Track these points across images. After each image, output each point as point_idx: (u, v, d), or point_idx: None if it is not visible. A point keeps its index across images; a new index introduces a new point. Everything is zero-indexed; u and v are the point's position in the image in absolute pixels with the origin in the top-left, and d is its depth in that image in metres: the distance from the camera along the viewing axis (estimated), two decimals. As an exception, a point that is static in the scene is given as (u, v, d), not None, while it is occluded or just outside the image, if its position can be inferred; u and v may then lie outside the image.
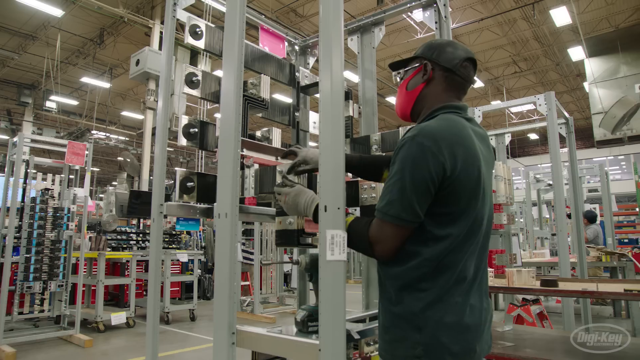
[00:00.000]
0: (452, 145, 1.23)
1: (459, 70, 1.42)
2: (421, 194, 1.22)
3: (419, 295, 1.24)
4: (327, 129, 1.39)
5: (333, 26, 1.44)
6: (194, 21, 2.09)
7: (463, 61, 1.42)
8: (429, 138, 1.22)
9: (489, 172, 1.39)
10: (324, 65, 1.42)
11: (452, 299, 1.23)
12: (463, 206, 1.25)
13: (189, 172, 2.02)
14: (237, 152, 1.71)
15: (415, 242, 1.26)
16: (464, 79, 1.44)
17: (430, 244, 1.24)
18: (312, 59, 3.07)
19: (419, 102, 1.47)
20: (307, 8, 13.54)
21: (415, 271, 1.25)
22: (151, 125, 12.06)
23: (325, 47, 1.43)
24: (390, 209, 1.24)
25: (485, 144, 1.42)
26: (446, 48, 1.44)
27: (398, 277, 1.28)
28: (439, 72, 1.43)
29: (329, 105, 1.40)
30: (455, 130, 1.29)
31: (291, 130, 2.70)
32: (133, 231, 8.61)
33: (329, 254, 1.32)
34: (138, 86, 17.81)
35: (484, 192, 1.31)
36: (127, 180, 18.02)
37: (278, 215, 1.76)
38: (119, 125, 21.01)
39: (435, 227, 1.25)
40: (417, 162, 1.21)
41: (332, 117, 1.39)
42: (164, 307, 6.90)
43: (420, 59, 1.47)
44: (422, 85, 1.45)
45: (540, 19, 13.70)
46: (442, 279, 1.23)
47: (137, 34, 13.91)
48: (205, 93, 2.13)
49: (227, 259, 1.62)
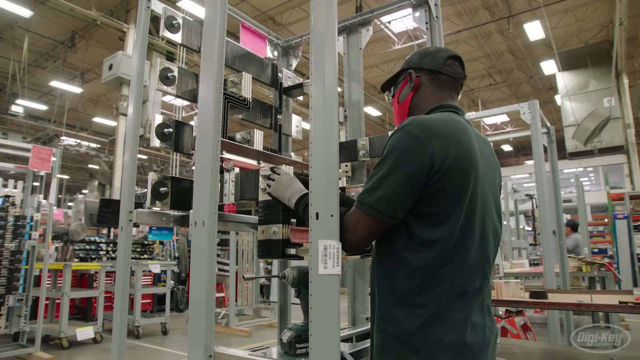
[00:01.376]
0: (444, 138, 1.14)
1: (444, 69, 1.37)
2: (404, 186, 1.11)
3: (415, 312, 1.11)
4: (320, 128, 1.25)
5: (327, 18, 1.30)
6: (170, 13, 1.93)
7: (446, 60, 1.38)
8: (420, 127, 1.14)
9: (490, 176, 1.27)
10: (317, 58, 1.29)
11: (451, 315, 1.10)
12: (452, 206, 1.13)
13: (162, 176, 1.84)
14: (217, 154, 1.55)
15: (404, 248, 1.15)
16: (452, 76, 1.38)
17: (419, 250, 1.12)
18: (295, 60, 2.94)
19: (413, 111, 1.41)
20: (286, 16, 13.47)
21: (408, 283, 1.13)
22: (124, 132, 11.70)
23: (317, 40, 1.29)
24: (366, 197, 1.14)
25: (487, 147, 1.33)
26: (427, 52, 1.42)
27: (390, 291, 1.16)
28: (424, 77, 1.39)
29: (322, 101, 1.26)
30: (450, 124, 1.20)
31: (273, 134, 2.55)
32: (103, 241, 8.25)
33: (322, 267, 1.17)
34: (111, 92, 17.32)
35: (482, 195, 1.20)
36: (98, 188, 17.47)
37: (261, 224, 1.60)
38: (91, 131, 20.37)
39: (423, 230, 1.13)
40: (404, 151, 1.13)
41: (324, 114, 1.25)
42: (134, 320, 6.57)
43: (405, 70, 1.45)
44: (411, 94, 1.41)
45: (514, 33, 14.00)
46: (439, 292, 1.11)
47: (110, 38, 13.52)
48: (182, 91, 1.96)
49: (203, 272, 1.44)
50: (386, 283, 1.17)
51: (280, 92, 2.60)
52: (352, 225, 1.18)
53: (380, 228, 1.16)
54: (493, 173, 1.30)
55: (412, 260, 1.12)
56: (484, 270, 1.20)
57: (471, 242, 1.15)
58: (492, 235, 1.24)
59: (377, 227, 1.16)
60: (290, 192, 1.41)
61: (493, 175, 1.30)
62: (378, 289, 1.20)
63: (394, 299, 1.14)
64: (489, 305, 1.24)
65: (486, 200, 1.22)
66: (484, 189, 1.20)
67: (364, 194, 1.16)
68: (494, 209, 1.26)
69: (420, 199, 1.13)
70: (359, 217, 1.17)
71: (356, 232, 1.18)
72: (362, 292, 2.40)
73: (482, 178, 1.20)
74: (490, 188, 1.26)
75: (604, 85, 15.43)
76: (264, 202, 1.62)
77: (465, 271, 1.14)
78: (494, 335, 1.21)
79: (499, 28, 14.02)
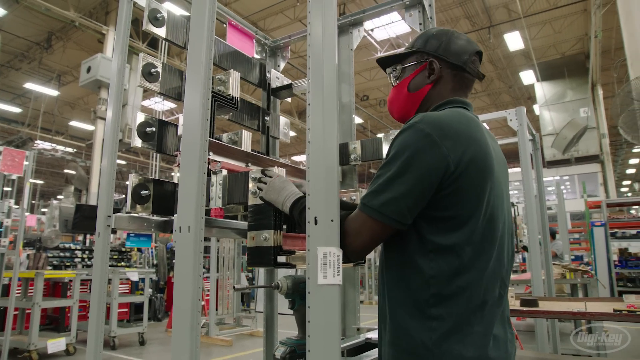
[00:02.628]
0: (459, 137, 1.04)
1: (469, 67, 1.23)
2: (414, 190, 1.01)
3: (431, 325, 1.01)
4: (318, 126, 1.16)
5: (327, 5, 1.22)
6: (154, 5, 1.82)
7: (472, 56, 1.24)
8: (432, 125, 1.04)
9: (503, 176, 1.17)
10: (315, 39, 1.20)
11: (471, 328, 1.01)
12: (470, 209, 1.03)
13: (143, 178, 1.72)
14: (204, 154, 1.44)
15: (416, 255, 1.05)
16: (474, 75, 1.26)
17: (432, 257, 1.03)
18: (282, 61, 2.85)
19: (424, 104, 1.27)
20: (269, 22, 13.39)
21: (422, 293, 1.03)
22: (102, 136, 11.39)
23: (315, 26, 1.21)
24: (372, 200, 1.04)
25: (496, 144, 1.23)
26: (452, 41, 1.24)
27: (403, 301, 1.06)
28: (447, 70, 1.24)
29: (320, 97, 1.17)
30: (463, 121, 1.10)
31: (260, 136, 2.45)
32: (78, 248, 7.97)
33: (321, 276, 1.07)
34: (89, 95, 16.90)
35: (499, 197, 1.10)
36: (74, 193, 17.00)
37: (251, 230, 1.49)
38: (67, 135, 19.84)
39: (436, 235, 1.03)
40: (415, 152, 1.02)
41: (323, 111, 1.16)
42: (110, 330, 6.31)
43: (423, 54, 1.27)
44: (429, 86, 1.25)
45: (495, 43, 14.23)
46: (457, 303, 1.01)
47: (89, 40, 13.21)
48: (166, 88, 1.85)
49: (189, 282, 1.33)
50: (397, 293, 1.08)
51: (268, 93, 2.51)
52: (355, 230, 1.09)
53: (385, 234, 1.07)
54: (505, 172, 1.22)
55: (425, 267, 1.03)
56: (502, 278, 1.11)
57: (490, 248, 1.07)
58: (507, 238, 1.15)
59: (382, 232, 1.06)
60: (284, 196, 1.30)
61: (505, 175, 1.21)
62: (389, 300, 1.10)
63: (407, 310, 1.05)
64: (508, 316, 1.15)
65: (502, 202, 1.13)
66: (500, 189, 1.12)
67: (369, 196, 1.06)
68: (506, 211, 1.17)
69: (433, 202, 1.03)
70: (362, 221, 1.07)
71: (359, 237, 1.08)
72: (353, 302, 2.30)
73: (497, 178, 1.11)
74: (505, 188, 1.18)
75: (580, 96, 15.86)
76: (253, 206, 1.52)
77: (485, 280, 1.05)
78: (514, 349, 1.12)
79: (480, 38, 14.23)
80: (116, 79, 1.84)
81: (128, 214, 1.76)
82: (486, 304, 1.04)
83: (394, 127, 19.32)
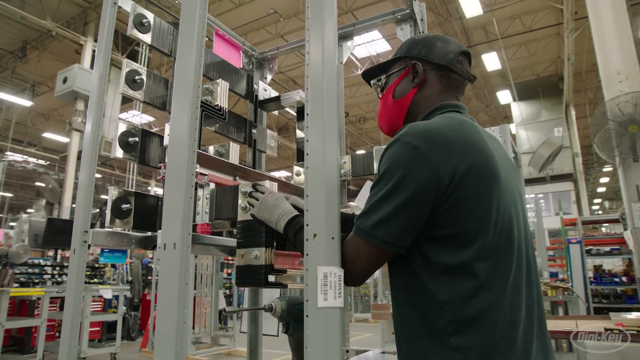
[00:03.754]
0: (451, 144, 0.95)
1: (455, 67, 1.16)
2: (405, 210, 0.93)
3: (454, 357, 0.89)
4: (318, 137, 1.09)
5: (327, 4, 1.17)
6: (140, 10, 1.74)
7: (458, 55, 1.18)
8: (419, 137, 0.95)
9: (512, 179, 1.07)
10: (315, 46, 1.14)
11: (503, 357, 0.88)
12: (477, 223, 0.93)
13: (124, 191, 1.61)
14: (192, 166, 1.35)
15: (425, 279, 0.95)
16: (462, 76, 1.18)
17: (444, 280, 0.92)
18: (270, 74, 2.79)
19: (412, 111, 1.19)
20: (251, 37, 13.39)
21: (438, 321, 0.92)
22: (77, 148, 11.08)
23: (315, 27, 1.15)
24: (363, 222, 0.97)
25: (500, 146, 1.14)
26: (435, 42, 1.19)
27: (419, 331, 0.95)
28: (432, 72, 1.17)
29: (320, 105, 1.10)
30: (456, 126, 1.01)
31: (247, 150, 2.37)
32: (48, 264, 7.63)
33: (321, 298, 0.99)
34: (64, 106, 16.49)
35: (511, 204, 1.00)
36: (45, 207, 16.44)
37: (240, 247, 1.40)
38: (40, 147, 19.25)
39: (443, 255, 0.93)
40: (402, 167, 0.94)
41: (324, 120, 1.09)
42: (80, 351, 6.01)
43: (406, 59, 1.21)
44: (414, 90, 1.18)
45: (473, 63, 14.46)
46: (480, 328, 0.89)
47: (66, 51, 12.93)
48: (150, 96, 1.76)
49: (174, 303, 1.23)
50: (412, 322, 0.98)
51: (255, 105, 2.44)
52: (352, 256, 1.01)
53: (383, 257, 0.99)
54: (514, 175, 1.12)
55: (436, 292, 0.93)
56: (528, 293, 0.99)
57: (508, 261, 0.96)
58: (527, 247, 1.04)
59: (379, 256, 0.98)
60: (278, 215, 1.21)
61: (515, 178, 1.11)
62: (404, 329, 1.01)
63: (425, 341, 0.94)
64: (548, 340, 1.00)
65: (516, 208, 1.03)
66: (510, 195, 1.02)
67: (360, 218, 0.99)
68: (521, 218, 1.07)
69: (433, 220, 0.94)
70: (357, 245, 1.00)
71: (357, 263, 1.00)
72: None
73: (505, 183, 1.01)
74: (517, 193, 1.07)
75: (554, 116, 16.34)
76: (243, 222, 1.43)
77: (508, 298, 0.93)
78: None
79: (458, 58, 14.53)
80: (97, 86, 1.74)
81: (106, 229, 1.65)
82: (516, 326, 0.92)
83: (374, 144, 19.46)
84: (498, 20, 12.10)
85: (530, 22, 12.73)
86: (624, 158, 5.80)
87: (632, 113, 5.67)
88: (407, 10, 2.21)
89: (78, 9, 11.94)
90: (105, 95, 1.79)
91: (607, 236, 10.44)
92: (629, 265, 9.61)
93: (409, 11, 2.21)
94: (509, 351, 0.89)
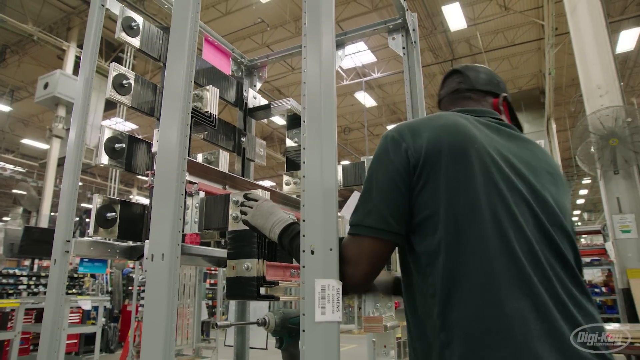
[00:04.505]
0: (422, 127, 0.99)
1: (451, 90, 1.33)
2: (388, 193, 0.94)
3: (444, 354, 0.84)
4: (315, 142, 1.06)
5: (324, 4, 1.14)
6: (129, 13, 1.69)
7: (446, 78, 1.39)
8: (398, 128, 1.02)
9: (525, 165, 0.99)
10: (312, 51, 1.11)
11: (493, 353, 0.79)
12: (449, 203, 0.88)
13: (109, 199, 1.55)
14: (182, 174, 1.30)
15: (415, 274, 0.95)
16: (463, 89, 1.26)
17: (429, 272, 0.89)
18: (259, 82, 2.76)
19: None
20: (236, 46, 13.35)
21: (431, 318, 0.89)
22: (57, 155, 10.83)
23: (313, 26, 1.12)
24: (354, 219, 0.97)
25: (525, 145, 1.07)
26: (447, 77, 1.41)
27: (419, 332, 0.95)
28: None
29: (319, 108, 1.07)
30: (434, 116, 1.04)
31: (236, 158, 2.32)
32: (24, 274, 7.38)
33: (319, 312, 0.95)
34: (44, 112, 16.15)
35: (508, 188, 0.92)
36: (22, 215, 16.02)
37: (231, 259, 1.36)
38: (18, 154, 18.79)
39: (422, 244, 0.92)
40: (379, 156, 1.00)
41: (322, 125, 1.06)
42: (56, 365, 5.80)
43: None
44: None
45: (457, 76, 14.75)
46: (458, 321, 0.83)
47: (47, 56, 12.69)
48: (138, 102, 1.70)
49: (162, 317, 1.17)
50: (415, 324, 0.97)
51: (245, 112, 2.40)
52: (352, 256, 0.97)
53: (383, 251, 0.95)
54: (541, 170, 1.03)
55: (424, 286, 0.91)
56: (537, 281, 0.84)
57: (493, 245, 0.85)
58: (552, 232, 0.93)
59: (378, 249, 0.94)
60: (272, 222, 1.18)
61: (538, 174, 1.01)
62: (410, 333, 0.99)
63: (426, 343, 0.91)
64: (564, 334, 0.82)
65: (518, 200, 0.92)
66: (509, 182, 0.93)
67: (352, 216, 0.98)
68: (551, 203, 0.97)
69: (414, 206, 0.93)
70: (356, 243, 0.96)
71: (358, 264, 0.96)
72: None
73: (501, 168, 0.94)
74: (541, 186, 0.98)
75: (535, 129, 16.64)
76: (234, 232, 1.39)
77: (495, 286, 0.83)
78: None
79: (442, 70, 14.75)
80: (82, 89, 1.68)
81: (89, 239, 1.58)
82: (507, 318, 0.80)
83: (359, 155, 19.53)
84: (482, 34, 12.33)
85: (513, 37, 13.00)
86: (605, 170, 5.91)
87: (612, 126, 5.79)
88: (399, 20, 2.21)
89: (61, 14, 11.76)
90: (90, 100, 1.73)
91: (588, 247, 10.60)
92: (608, 276, 9.74)
93: (401, 21, 2.21)
94: (499, 345, 0.80)
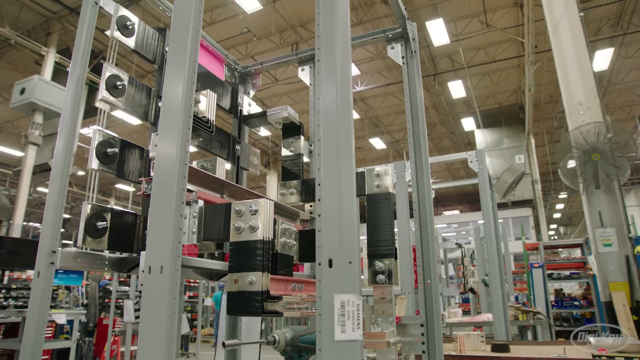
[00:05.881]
0: None
1: None
2: None
3: None
4: (332, 149, 0.99)
5: (339, 18, 1.09)
6: (124, 12, 1.61)
7: None
8: None
9: None
10: (327, 64, 1.05)
11: None
12: None
13: (100, 207, 1.45)
14: (183, 181, 1.22)
15: None
16: None
17: None
18: (252, 90, 2.69)
19: None
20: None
21: None
22: (33, 163, 10.47)
23: (327, 37, 1.06)
24: None
25: None
26: None
27: None
28: None
29: (335, 114, 1.01)
30: None
31: (231, 166, 2.24)
32: (-6, 286, 7.04)
33: (338, 330, 0.88)
34: (20, 118, 15.71)
35: None
36: (-8, 224, 15.42)
37: (233, 272, 1.27)
38: (-10, 161, 18.17)
39: None
40: None
41: (339, 131, 1.00)
42: (27, 383, 5.51)
43: None
44: None
45: (439, 90, 14.98)
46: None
47: (25, 61, 12.37)
48: (132, 105, 1.62)
49: (161, 335, 1.07)
50: None
51: (240, 120, 2.33)
52: None
53: None
54: None
55: None
56: None
57: None
58: None
59: None
60: None
61: None
62: None
63: None
64: None
65: None
66: None
67: None
68: None
69: None
70: None
71: None
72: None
73: None
74: None
75: (515, 144, 16.98)
76: (236, 243, 1.31)
77: None
78: None
79: (425, 84, 14.94)
80: (73, 92, 1.59)
81: (76, 250, 1.47)
82: None
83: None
84: (464, 50, 12.56)
85: (494, 53, 13.27)
86: (587, 185, 6.00)
87: (594, 142, 5.90)
88: (399, 29, 2.18)
89: (40, 19, 11.50)
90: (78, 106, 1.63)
91: (567, 260, 10.75)
92: (587, 288, 9.88)
93: (401, 30, 2.18)
94: None
